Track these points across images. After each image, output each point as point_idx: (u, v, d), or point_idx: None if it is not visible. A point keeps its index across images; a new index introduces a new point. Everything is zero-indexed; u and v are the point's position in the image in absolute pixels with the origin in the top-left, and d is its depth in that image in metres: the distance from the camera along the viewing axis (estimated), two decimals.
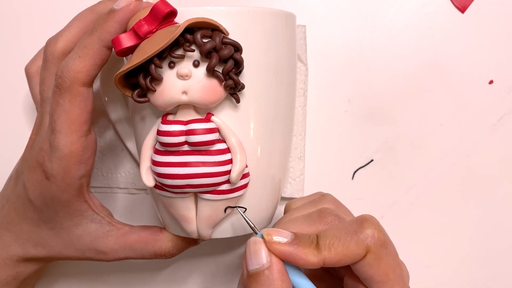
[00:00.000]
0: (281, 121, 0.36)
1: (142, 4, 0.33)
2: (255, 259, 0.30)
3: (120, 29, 0.33)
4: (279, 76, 0.35)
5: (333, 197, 0.37)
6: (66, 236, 0.38)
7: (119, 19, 0.33)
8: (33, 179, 0.37)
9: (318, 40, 0.46)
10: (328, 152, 0.46)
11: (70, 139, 0.35)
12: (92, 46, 0.33)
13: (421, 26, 0.45)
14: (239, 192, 0.34)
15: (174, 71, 0.31)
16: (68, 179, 0.36)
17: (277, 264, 0.30)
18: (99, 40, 0.33)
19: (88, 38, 0.33)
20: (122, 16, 0.32)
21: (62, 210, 0.37)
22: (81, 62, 0.33)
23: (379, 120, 0.46)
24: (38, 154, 0.36)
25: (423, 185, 0.46)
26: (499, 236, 0.46)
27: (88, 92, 0.35)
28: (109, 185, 0.46)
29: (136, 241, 0.38)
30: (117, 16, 0.33)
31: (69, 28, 0.38)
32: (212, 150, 0.32)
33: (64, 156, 0.35)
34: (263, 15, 0.34)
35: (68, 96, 0.34)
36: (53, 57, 0.37)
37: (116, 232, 0.39)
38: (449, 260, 0.46)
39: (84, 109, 0.34)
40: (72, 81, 0.33)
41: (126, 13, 0.32)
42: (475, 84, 0.45)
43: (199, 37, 0.30)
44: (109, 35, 0.33)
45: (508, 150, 0.45)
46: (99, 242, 0.38)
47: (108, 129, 0.46)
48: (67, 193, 0.36)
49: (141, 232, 0.39)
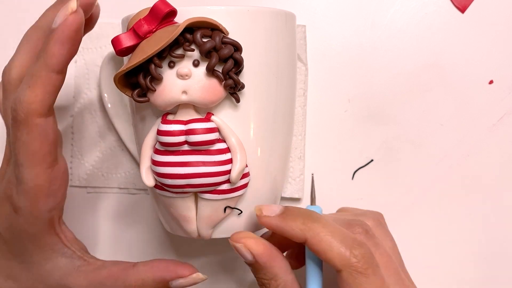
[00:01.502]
0: (281, 121, 0.36)
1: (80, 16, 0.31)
2: (244, 256, 0.34)
3: (64, 50, 0.31)
4: (279, 75, 0.35)
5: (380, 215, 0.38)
6: (36, 270, 0.37)
7: (59, 38, 0.30)
8: (2, 211, 0.35)
9: (318, 40, 0.46)
10: (328, 152, 0.46)
11: (34, 172, 0.33)
12: (40, 73, 0.31)
13: (421, 26, 0.45)
14: (239, 191, 0.34)
15: (174, 70, 0.31)
16: (36, 212, 0.34)
17: (261, 257, 0.33)
18: (45, 65, 0.31)
19: (35, 65, 0.31)
20: (61, 35, 0.30)
21: (31, 243, 0.36)
22: (32, 92, 0.31)
23: (379, 120, 0.46)
24: (6, 186, 0.35)
25: (423, 185, 0.46)
26: (499, 236, 0.46)
27: (47, 122, 0.32)
28: (109, 185, 0.46)
29: (106, 277, 0.36)
30: (56, 36, 0.30)
31: (19, 52, 0.35)
32: (212, 150, 0.32)
33: (30, 190, 0.33)
34: (263, 15, 0.34)
35: (24, 129, 0.32)
36: (11, 86, 0.35)
37: (87, 267, 0.37)
38: (449, 260, 0.46)
39: (44, 140, 0.32)
40: (26, 114, 0.31)
41: (64, 30, 0.30)
42: (475, 84, 0.45)
43: (199, 37, 0.30)
44: (54, 58, 0.30)
45: (508, 150, 0.45)
46: (69, 278, 0.36)
47: (108, 129, 0.46)
48: (35, 226, 0.35)
49: (112, 267, 0.37)
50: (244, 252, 0.33)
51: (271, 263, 0.33)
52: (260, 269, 0.34)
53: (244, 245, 0.33)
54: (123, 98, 0.44)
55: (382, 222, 0.38)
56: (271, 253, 0.34)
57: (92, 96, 0.46)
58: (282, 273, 0.33)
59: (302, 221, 0.32)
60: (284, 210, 0.33)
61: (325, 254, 0.31)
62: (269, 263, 0.33)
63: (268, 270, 0.33)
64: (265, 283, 0.34)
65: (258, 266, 0.33)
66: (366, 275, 0.31)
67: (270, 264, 0.33)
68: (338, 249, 0.31)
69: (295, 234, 0.32)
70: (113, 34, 0.32)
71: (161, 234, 0.46)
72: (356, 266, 0.31)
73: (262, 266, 0.33)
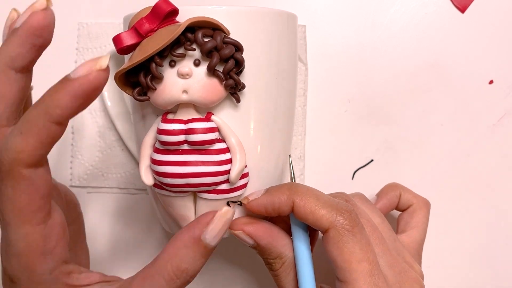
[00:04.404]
0: (281, 121, 0.36)
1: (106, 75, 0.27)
2: (245, 242, 0.34)
3: (74, 104, 0.26)
4: (279, 76, 0.35)
5: (363, 194, 0.39)
6: None
7: (74, 91, 0.26)
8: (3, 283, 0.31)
9: (318, 40, 0.46)
10: (328, 152, 0.46)
11: (23, 231, 0.28)
12: (37, 121, 0.27)
13: (421, 26, 0.45)
14: (238, 192, 0.34)
15: (174, 70, 0.31)
16: (35, 278, 0.29)
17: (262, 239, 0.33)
18: (46, 114, 0.26)
19: (33, 111, 0.27)
20: (78, 88, 0.26)
21: None
22: (23, 140, 0.27)
23: (379, 120, 0.46)
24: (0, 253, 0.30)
25: (423, 185, 0.46)
26: (500, 236, 0.46)
27: (36, 174, 0.28)
28: (109, 185, 0.46)
29: None
30: (71, 88, 0.26)
31: None
32: (211, 150, 0.32)
33: (21, 253, 0.29)
34: (264, 15, 0.34)
35: (9, 181, 0.27)
36: None
37: None
38: (449, 260, 0.46)
39: (34, 194, 0.28)
40: (11, 163, 0.27)
41: (83, 85, 0.26)
42: (475, 84, 0.45)
43: (200, 36, 0.30)
44: (59, 109, 0.26)
45: (508, 150, 0.45)
46: None
47: (108, 129, 0.46)
48: None
49: None
50: (244, 238, 0.34)
51: (273, 243, 0.33)
52: (264, 251, 0.34)
53: (243, 232, 0.33)
54: (124, 96, 0.44)
55: (368, 200, 0.39)
56: (272, 233, 0.34)
57: None
58: (286, 250, 0.34)
59: (287, 191, 0.32)
60: (268, 188, 0.34)
61: (312, 214, 0.31)
62: (271, 243, 0.33)
63: (272, 250, 0.33)
64: (271, 263, 0.34)
65: (261, 248, 0.34)
66: (353, 233, 0.31)
67: (272, 244, 0.33)
68: (325, 209, 0.31)
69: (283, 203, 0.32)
70: (113, 34, 0.32)
71: (160, 234, 0.46)
72: (343, 224, 0.31)
73: (265, 247, 0.33)
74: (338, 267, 0.31)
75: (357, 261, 0.30)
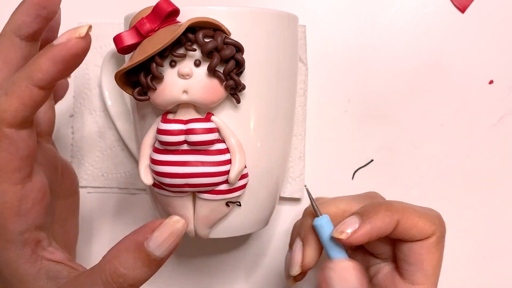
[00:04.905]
0: (281, 122, 0.36)
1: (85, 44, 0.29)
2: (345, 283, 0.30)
3: (54, 68, 0.28)
4: (280, 77, 0.35)
5: None
6: None
7: (53, 56, 0.28)
8: None
9: (318, 40, 0.46)
10: (328, 152, 0.46)
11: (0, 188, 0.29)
12: (20, 83, 0.29)
13: (421, 26, 0.45)
14: (237, 192, 0.34)
15: (175, 70, 0.31)
16: (5, 235, 0.30)
17: None
18: (28, 77, 0.28)
19: (18, 74, 0.29)
20: (57, 54, 0.28)
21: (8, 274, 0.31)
22: (7, 101, 0.29)
23: (379, 120, 0.46)
24: None
25: (423, 185, 0.46)
26: (500, 236, 0.46)
27: (18, 134, 0.29)
28: (109, 185, 0.46)
29: None
30: (51, 53, 0.28)
31: None
32: (211, 150, 0.32)
33: None
34: (265, 16, 0.34)
35: None
36: None
37: None
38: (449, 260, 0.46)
39: (14, 154, 0.29)
40: None
41: (62, 51, 0.28)
42: (475, 84, 0.45)
43: (201, 37, 0.30)
44: (40, 73, 0.28)
45: (508, 150, 0.45)
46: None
47: (108, 129, 0.46)
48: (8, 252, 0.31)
49: None
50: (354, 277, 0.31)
51: None
52: None
53: None
54: (124, 96, 0.44)
55: None
56: None
57: (92, 96, 0.46)
58: None
59: (387, 212, 0.32)
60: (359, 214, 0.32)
61: (416, 227, 0.32)
62: None
63: None
64: None
65: None
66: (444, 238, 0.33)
67: None
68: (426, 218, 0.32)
69: (388, 225, 0.32)
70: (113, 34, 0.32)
71: None
72: (441, 231, 0.33)
73: None
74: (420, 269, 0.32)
75: (438, 266, 0.33)
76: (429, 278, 0.32)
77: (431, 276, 0.32)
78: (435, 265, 0.33)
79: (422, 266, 0.32)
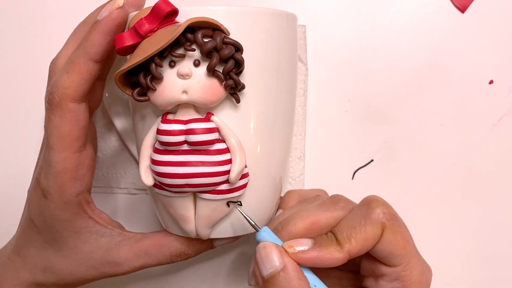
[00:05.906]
0: (281, 121, 0.36)
1: (125, 12, 0.32)
2: (267, 263, 0.31)
3: (103, 40, 0.32)
4: (279, 76, 0.35)
5: None
6: (75, 255, 0.37)
7: (101, 29, 0.32)
8: (33, 198, 0.36)
9: (318, 40, 0.46)
10: (328, 152, 0.46)
11: (63, 155, 0.34)
12: (78, 60, 0.33)
13: (421, 26, 0.45)
14: (238, 192, 0.34)
15: (174, 70, 0.31)
16: (64, 196, 0.35)
17: (291, 264, 0.31)
18: (84, 53, 0.33)
19: (74, 53, 0.33)
20: (104, 27, 0.32)
21: (64, 229, 0.36)
22: (69, 78, 0.33)
23: (379, 120, 0.46)
24: (37, 171, 0.36)
25: (423, 185, 0.46)
26: (500, 236, 0.46)
27: (79, 108, 0.34)
28: (109, 185, 0.46)
29: (150, 245, 0.37)
30: (98, 27, 0.32)
31: (66, 44, 0.38)
32: (211, 150, 0.32)
33: (58, 173, 0.34)
34: (264, 16, 0.33)
35: (58, 112, 0.33)
36: (55, 74, 0.36)
37: (129, 240, 0.37)
38: (449, 260, 0.46)
39: (75, 125, 0.34)
40: (61, 97, 0.33)
41: (108, 23, 0.32)
42: (475, 84, 0.45)
43: (200, 37, 0.30)
44: (94, 47, 0.32)
45: (508, 150, 0.45)
46: (112, 254, 0.37)
47: (108, 129, 0.46)
48: (66, 211, 0.35)
49: (154, 236, 0.38)
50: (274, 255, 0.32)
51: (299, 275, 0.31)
52: None
53: None
54: (124, 97, 0.44)
55: None
56: None
57: None
58: None
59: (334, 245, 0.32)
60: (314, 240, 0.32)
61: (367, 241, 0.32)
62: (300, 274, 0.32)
63: None
64: None
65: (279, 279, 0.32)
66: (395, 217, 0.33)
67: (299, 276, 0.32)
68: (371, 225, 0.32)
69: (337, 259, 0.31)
70: None
71: None
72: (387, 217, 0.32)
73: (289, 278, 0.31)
74: (394, 256, 0.32)
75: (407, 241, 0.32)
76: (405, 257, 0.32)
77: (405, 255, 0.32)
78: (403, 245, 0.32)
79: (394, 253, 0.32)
